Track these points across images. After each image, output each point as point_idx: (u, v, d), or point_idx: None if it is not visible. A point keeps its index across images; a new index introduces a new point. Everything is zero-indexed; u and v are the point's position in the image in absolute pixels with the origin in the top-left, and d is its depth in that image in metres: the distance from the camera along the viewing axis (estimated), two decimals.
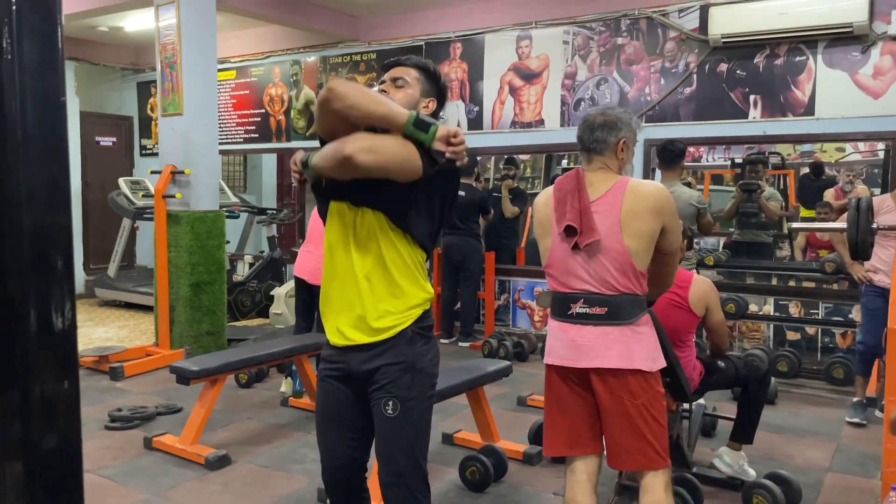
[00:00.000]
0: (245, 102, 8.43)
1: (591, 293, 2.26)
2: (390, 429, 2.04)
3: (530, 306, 6.69)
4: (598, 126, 2.35)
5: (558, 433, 2.41)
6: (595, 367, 2.26)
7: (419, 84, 2.09)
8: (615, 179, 2.32)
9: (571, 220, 2.26)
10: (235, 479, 3.53)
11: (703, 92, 5.77)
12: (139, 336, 6.83)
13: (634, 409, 2.26)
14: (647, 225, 2.26)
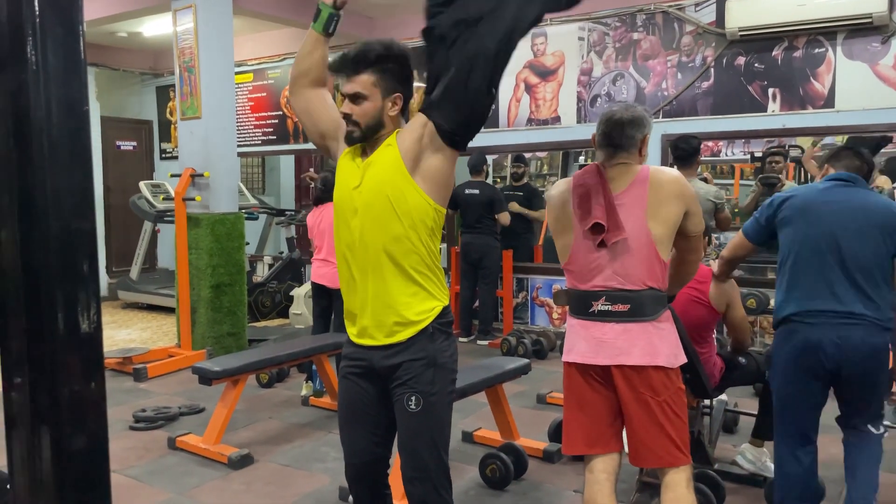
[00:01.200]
0: (262, 105, 8.49)
1: (614, 290, 2.24)
2: (413, 424, 2.06)
3: (549, 304, 6.68)
4: (628, 122, 2.32)
5: (578, 431, 2.39)
6: (618, 364, 2.24)
7: (378, 87, 2.01)
8: (635, 171, 2.31)
9: (599, 218, 2.22)
10: (258, 479, 3.57)
11: (720, 86, 5.73)
12: (162, 337, 6.91)
13: (657, 406, 2.24)
14: (671, 210, 2.25)
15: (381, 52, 2.02)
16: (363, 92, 2.00)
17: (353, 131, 2.03)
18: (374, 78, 2.01)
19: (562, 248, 2.39)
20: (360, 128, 2.01)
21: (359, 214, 2.03)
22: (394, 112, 2.05)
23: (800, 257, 2.65)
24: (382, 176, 2.00)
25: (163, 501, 3.32)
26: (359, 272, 2.06)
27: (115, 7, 6.58)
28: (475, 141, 6.93)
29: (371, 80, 2.01)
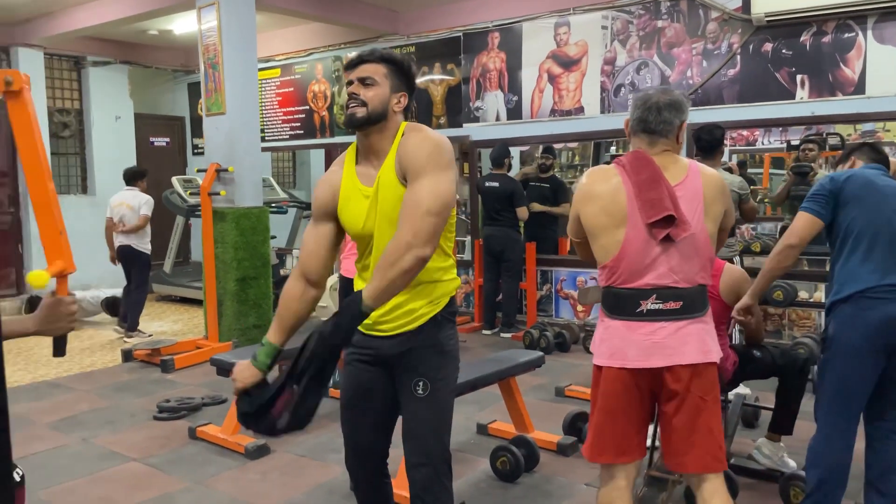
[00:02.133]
0: (290, 100, 8.57)
1: (667, 287, 2.11)
2: (420, 409, 2.08)
3: (573, 296, 6.63)
4: (665, 106, 2.19)
5: (609, 440, 2.23)
6: (672, 365, 2.12)
7: (388, 80, 2.04)
8: (684, 163, 2.21)
9: (669, 209, 2.07)
10: (273, 468, 3.63)
11: (747, 73, 5.60)
12: (192, 329, 7.05)
13: (705, 406, 2.14)
14: (719, 208, 2.20)
15: (391, 55, 2.09)
16: (372, 76, 2.03)
17: (356, 112, 2.01)
18: (384, 70, 2.05)
19: (608, 245, 2.17)
20: (366, 109, 2.00)
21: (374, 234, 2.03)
22: (398, 108, 2.06)
23: (872, 232, 2.57)
24: (391, 203, 1.98)
25: (180, 490, 3.40)
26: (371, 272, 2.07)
27: (143, 6, 6.71)
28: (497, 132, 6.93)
29: (382, 70, 2.05)
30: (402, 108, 2.08)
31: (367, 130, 2.04)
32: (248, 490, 3.39)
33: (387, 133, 2.05)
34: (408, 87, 2.10)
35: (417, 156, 1.94)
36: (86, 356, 6.08)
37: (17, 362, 5.91)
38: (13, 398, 4.84)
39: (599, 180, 2.23)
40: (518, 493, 3.30)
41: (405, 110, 2.10)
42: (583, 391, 4.68)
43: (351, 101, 2.03)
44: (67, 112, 8.78)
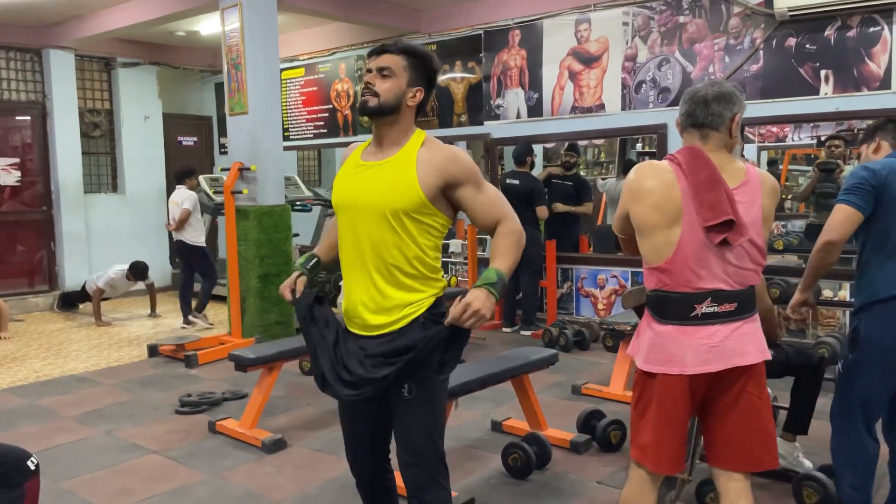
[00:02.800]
0: (314, 99, 8.66)
1: (722, 290, 2.06)
2: (407, 411, 2.10)
3: (594, 294, 6.61)
4: (713, 98, 2.12)
5: (668, 451, 2.16)
6: (731, 367, 2.07)
7: (406, 73, 2.06)
8: (742, 165, 2.15)
9: (729, 214, 2.01)
10: (289, 462, 3.69)
11: (770, 68, 5.52)
12: (218, 326, 7.17)
13: (762, 405, 2.12)
14: (772, 213, 2.18)
15: (415, 48, 2.10)
16: (391, 67, 2.05)
17: (368, 101, 2.05)
18: (404, 62, 2.07)
19: (660, 245, 2.10)
20: (377, 100, 2.03)
21: (359, 215, 2.07)
22: (412, 102, 2.08)
23: None
24: (396, 195, 2.02)
25: (197, 482, 3.47)
26: (354, 265, 2.11)
27: (169, 7, 6.83)
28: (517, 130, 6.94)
29: (402, 63, 2.07)
30: (417, 102, 2.09)
31: (377, 121, 2.07)
32: (263, 483, 3.45)
33: (398, 127, 2.07)
34: (426, 82, 2.10)
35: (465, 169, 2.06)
36: (113, 351, 6.22)
37: (46, 357, 6.08)
38: (42, 392, 4.99)
39: (651, 176, 2.13)
40: (528, 490, 3.31)
41: (421, 105, 2.11)
42: (599, 389, 4.67)
43: (365, 89, 2.07)
44: (98, 112, 8.98)
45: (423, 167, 2.02)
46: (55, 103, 8.32)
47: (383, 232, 2.03)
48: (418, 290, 2.07)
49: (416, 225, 2.04)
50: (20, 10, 7.49)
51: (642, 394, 2.21)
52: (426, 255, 2.07)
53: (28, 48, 8.25)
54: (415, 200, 2.01)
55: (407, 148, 2.07)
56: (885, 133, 2.74)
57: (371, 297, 2.08)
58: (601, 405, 4.23)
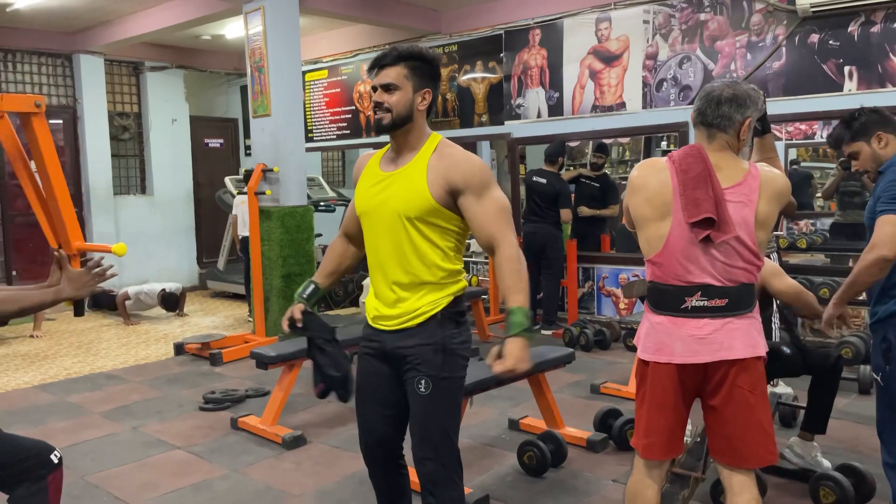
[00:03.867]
0: (337, 100, 8.75)
1: (712, 286, 2.10)
2: (423, 406, 2.15)
3: (615, 294, 6.59)
4: (726, 100, 2.14)
5: (658, 436, 2.24)
6: (719, 360, 2.11)
7: (409, 81, 2.12)
8: (745, 166, 2.16)
9: (709, 211, 2.06)
10: (308, 458, 3.75)
11: (793, 65, 5.46)
12: (242, 325, 7.28)
13: (755, 400, 2.14)
14: (774, 215, 2.17)
15: (410, 51, 2.15)
16: (395, 82, 2.11)
17: (382, 118, 2.13)
18: (405, 71, 2.13)
19: (651, 238, 2.19)
20: (391, 115, 2.11)
21: (380, 224, 2.15)
22: (423, 106, 2.15)
23: None
24: (409, 203, 2.10)
25: (218, 477, 3.55)
26: (377, 268, 2.19)
27: (194, 12, 6.95)
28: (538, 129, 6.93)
29: (403, 72, 2.12)
30: (427, 104, 2.16)
31: (394, 133, 2.15)
32: (283, 479, 3.51)
33: (413, 133, 2.15)
34: (431, 80, 2.17)
35: (466, 176, 2.08)
36: (141, 349, 6.35)
37: (77, 355, 6.23)
38: (71, 388, 5.12)
39: (647, 172, 2.22)
40: (543, 488, 3.33)
41: (433, 102, 2.18)
42: (618, 389, 4.67)
43: (376, 108, 2.13)
44: (127, 116, 9.17)
45: (433, 174, 2.10)
46: (85, 107, 8.51)
47: (400, 238, 2.11)
48: (437, 291, 2.14)
49: (432, 229, 2.11)
50: (51, 17, 7.68)
51: (640, 382, 2.30)
52: (446, 255, 2.14)
53: (59, 53, 8.45)
54: (426, 206, 2.08)
55: (420, 154, 2.14)
56: (884, 126, 2.64)
57: (391, 297, 2.16)
58: (619, 404, 4.22)
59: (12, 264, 8.29)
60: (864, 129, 2.66)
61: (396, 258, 2.13)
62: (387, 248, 2.15)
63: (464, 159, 2.11)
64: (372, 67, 2.16)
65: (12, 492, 2.15)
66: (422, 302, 2.13)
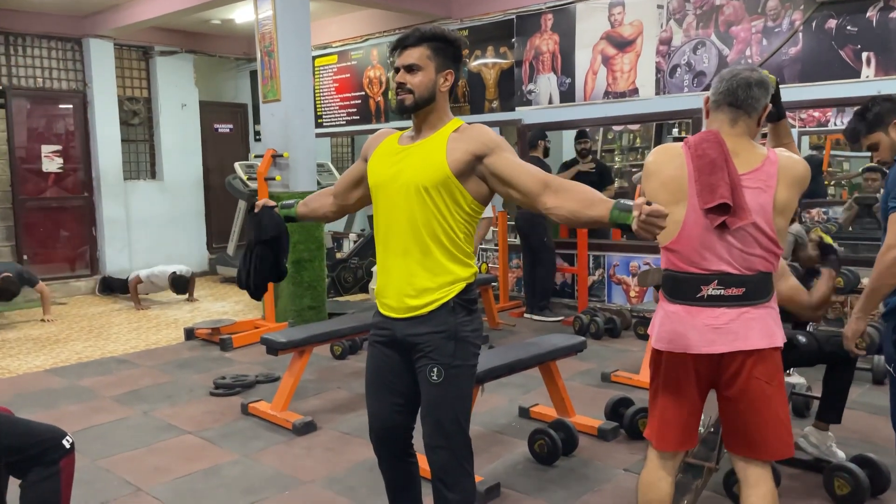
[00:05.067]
0: (346, 86, 8.70)
1: (728, 274, 2.07)
2: (435, 394, 2.13)
3: (626, 282, 6.55)
4: (756, 83, 2.10)
5: (674, 428, 2.21)
6: (735, 351, 2.08)
7: (432, 61, 2.10)
8: (763, 151, 2.12)
9: (725, 197, 2.02)
10: (318, 444, 3.75)
11: (809, 51, 5.38)
12: (252, 310, 7.29)
13: (772, 391, 2.11)
14: (794, 201, 2.14)
15: (433, 31, 2.13)
16: (418, 63, 2.09)
17: (404, 99, 2.10)
18: (428, 51, 2.10)
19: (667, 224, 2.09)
20: (413, 96, 2.09)
21: (395, 197, 2.13)
22: (445, 88, 2.13)
23: None
24: (426, 173, 2.08)
25: (228, 462, 3.55)
26: (391, 255, 2.16)
27: None
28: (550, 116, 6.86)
29: (425, 52, 2.10)
30: (450, 85, 2.14)
31: (416, 114, 2.13)
32: (293, 464, 3.51)
33: (435, 113, 2.14)
34: (454, 61, 2.15)
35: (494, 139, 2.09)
36: (152, 334, 6.37)
37: (88, 339, 6.25)
38: (83, 372, 5.14)
39: (662, 157, 2.19)
40: (554, 476, 3.31)
41: (454, 83, 2.16)
42: (628, 377, 4.65)
43: (399, 88, 2.11)
44: (136, 100, 9.16)
45: (452, 146, 2.08)
46: (95, 92, 8.49)
47: (414, 207, 2.08)
48: (450, 272, 2.11)
49: (444, 201, 2.07)
50: (61, 0, 7.65)
51: (654, 372, 2.27)
52: (457, 235, 2.11)
53: (69, 37, 8.43)
54: (440, 176, 2.06)
55: (442, 131, 2.13)
56: None
57: (403, 277, 2.12)
58: (630, 393, 4.21)
59: (23, 249, 8.31)
60: (879, 118, 2.61)
61: (410, 232, 2.09)
62: (399, 220, 2.11)
63: (486, 130, 2.11)
64: (394, 48, 2.14)
65: (25, 476, 2.15)
66: (435, 286, 2.10)
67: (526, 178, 2.05)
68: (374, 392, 2.27)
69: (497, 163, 2.06)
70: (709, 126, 2.21)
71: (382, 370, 2.25)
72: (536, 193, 2.03)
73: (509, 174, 2.05)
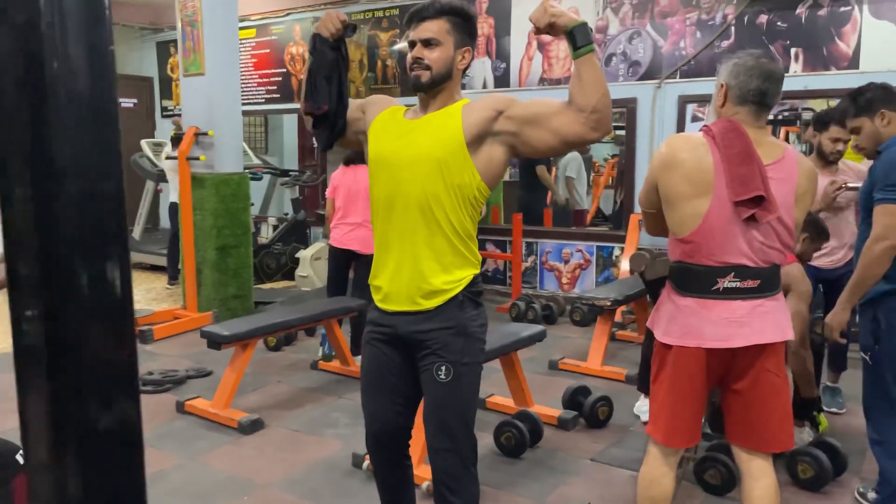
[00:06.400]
0: (266, 62, 8.28)
1: (746, 267, 2.03)
2: (442, 394, 1.99)
3: (558, 269, 6.59)
4: (780, 77, 2.07)
5: (681, 423, 2.17)
6: (750, 345, 2.04)
7: (451, 36, 1.95)
8: (781, 145, 2.10)
9: (759, 190, 1.96)
10: (269, 444, 3.52)
11: (741, 45, 5.53)
12: (166, 299, 6.84)
13: (780, 383, 2.10)
14: (812, 193, 2.13)
15: (452, 5, 1.97)
16: (437, 37, 1.94)
17: (420, 76, 1.94)
18: (447, 25, 1.96)
19: (686, 216, 2.06)
20: (430, 72, 1.93)
21: (401, 170, 1.96)
22: (462, 65, 1.99)
23: None
24: (438, 143, 1.93)
25: (173, 466, 3.27)
26: (393, 233, 2.00)
27: None
28: None
29: (445, 26, 1.95)
30: (466, 64, 1.99)
31: (429, 92, 1.97)
32: (246, 466, 3.28)
33: (446, 93, 1.99)
34: (471, 39, 2.01)
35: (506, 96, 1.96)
36: None
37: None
38: None
39: (683, 148, 2.10)
40: (522, 470, 3.25)
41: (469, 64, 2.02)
42: (576, 364, 4.66)
43: (415, 64, 1.94)
44: None
45: (468, 112, 1.94)
46: None
47: (425, 182, 1.92)
48: (458, 260, 1.96)
49: (456, 177, 1.92)
50: None
51: (660, 367, 2.20)
52: (465, 218, 1.96)
53: None
54: (455, 146, 1.91)
55: (454, 105, 1.99)
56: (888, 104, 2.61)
57: (408, 266, 1.96)
58: (580, 380, 4.21)
59: None
60: (868, 105, 2.64)
61: (418, 211, 1.92)
62: (406, 198, 1.94)
63: (498, 94, 1.99)
64: (409, 20, 1.97)
65: None
66: (443, 278, 1.95)
67: (547, 105, 1.88)
68: (374, 394, 2.11)
69: (517, 110, 1.90)
70: (724, 115, 2.15)
71: (381, 369, 2.09)
72: (563, 107, 1.85)
73: (534, 111, 1.88)
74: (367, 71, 7.49)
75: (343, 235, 4.58)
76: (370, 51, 7.43)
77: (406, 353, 2.04)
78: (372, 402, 2.12)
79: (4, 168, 0.59)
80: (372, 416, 2.12)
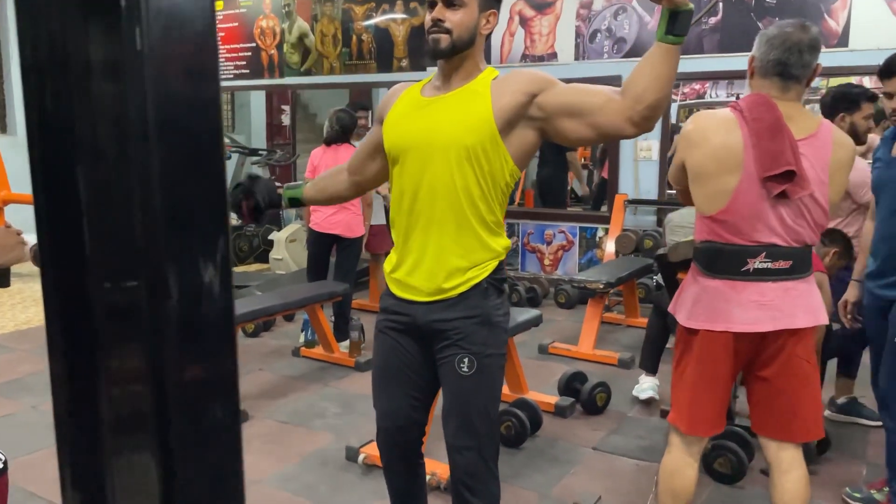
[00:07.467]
0: (234, 35, 7.95)
1: (777, 246, 1.94)
2: (464, 388, 1.84)
3: (540, 250, 6.48)
4: (807, 47, 1.96)
5: (707, 412, 2.08)
6: (781, 329, 1.95)
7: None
8: (815, 119, 2.00)
9: (790, 164, 1.87)
10: (256, 436, 3.34)
11: (729, 22, 5.45)
12: None
13: (810, 370, 2.02)
14: (846, 178, 2.03)
15: None
16: None
17: (440, 40, 1.75)
18: None
19: (714, 194, 1.98)
20: (451, 37, 1.74)
21: (426, 158, 1.78)
22: (486, 30, 1.81)
23: None
24: (467, 128, 1.75)
25: None
26: (417, 226, 1.82)
27: None
28: None
29: None
30: (491, 28, 1.80)
31: (448, 59, 1.78)
32: None
33: (470, 60, 1.80)
34: (497, 1, 1.82)
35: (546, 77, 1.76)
36: (19, 312, 5.55)
37: None
38: None
39: (711, 125, 2.00)
40: (524, 460, 3.14)
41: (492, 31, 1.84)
42: (567, 349, 4.56)
43: (434, 27, 1.74)
44: None
45: (498, 89, 1.75)
46: None
47: (454, 170, 1.74)
48: (485, 247, 1.80)
49: (488, 162, 1.75)
50: None
51: (684, 352, 2.10)
52: (495, 204, 1.80)
53: None
54: (485, 130, 1.73)
55: (480, 78, 1.79)
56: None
57: (432, 254, 1.80)
58: (571, 365, 4.13)
59: None
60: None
61: (446, 200, 1.75)
62: (433, 186, 1.77)
63: (534, 70, 1.81)
64: None
65: None
66: (467, 264, 1.79)
67: (592, 95, 1.69)
68: (387, 388, 1.95)
69: (554, 97, 1.71)
70: (754, 88, 2.04)
71: (396, 361, 1.93)
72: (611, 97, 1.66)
73: (575, 100, 1.69)
74: (342, 46, 7.23)
75: (325, 219, 4.38)
76: (344, 24, 7.17)
77: (424, 344, 1.89)
78: (385, 397, 1.97)
79: None
80: (386, 414, 1.97)
